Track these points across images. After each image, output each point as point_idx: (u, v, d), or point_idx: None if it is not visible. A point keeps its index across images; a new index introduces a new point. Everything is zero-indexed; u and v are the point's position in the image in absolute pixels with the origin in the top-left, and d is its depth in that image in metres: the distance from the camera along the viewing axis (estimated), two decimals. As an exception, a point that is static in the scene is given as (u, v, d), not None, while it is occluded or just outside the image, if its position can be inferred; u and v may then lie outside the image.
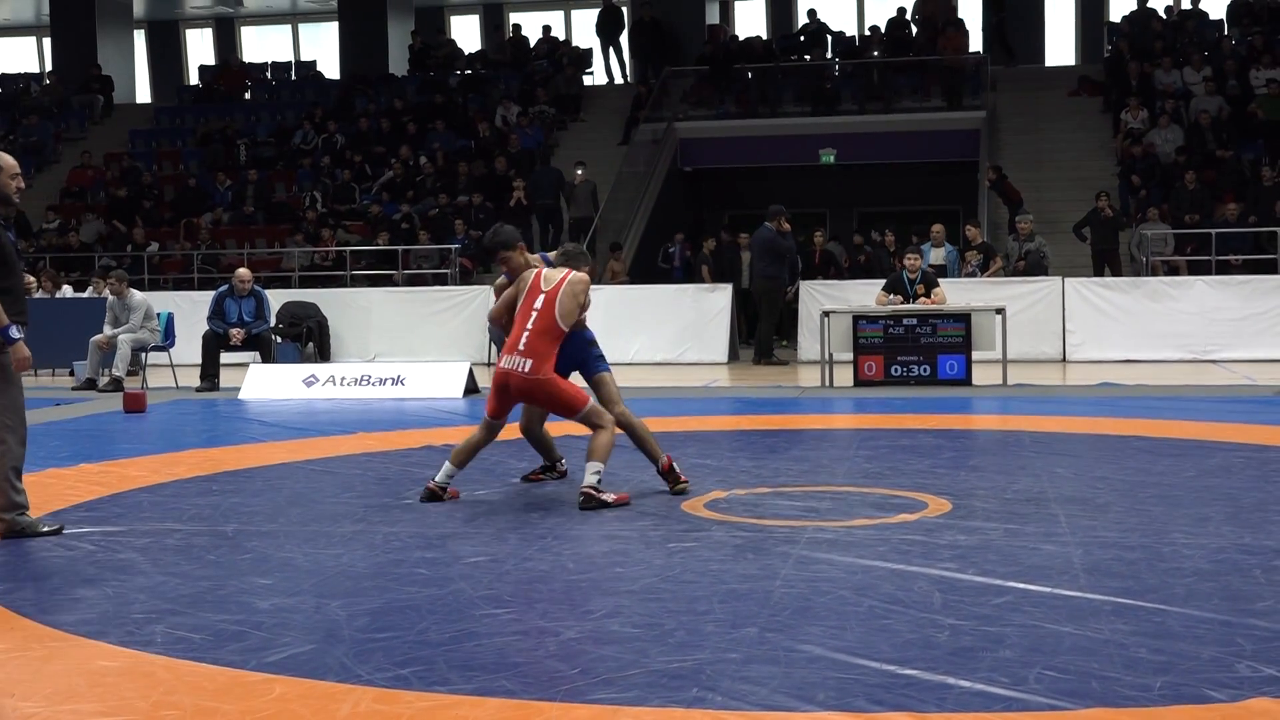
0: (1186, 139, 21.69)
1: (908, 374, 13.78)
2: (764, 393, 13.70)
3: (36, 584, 5.52)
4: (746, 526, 6.48)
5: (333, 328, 18.89)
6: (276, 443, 10.23)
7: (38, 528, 6.61)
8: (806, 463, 8.69)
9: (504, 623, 4.78)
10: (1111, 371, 15.30)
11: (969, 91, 24.65)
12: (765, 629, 4.61)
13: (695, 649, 4.40)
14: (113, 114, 29.27)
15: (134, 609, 5.07)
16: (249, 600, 5.17)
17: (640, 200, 23.32)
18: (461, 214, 22.08)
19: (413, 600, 5.11)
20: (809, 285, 18.09)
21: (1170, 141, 21.66)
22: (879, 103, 24.92)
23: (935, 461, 8.60)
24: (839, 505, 7.02)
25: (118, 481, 8.30)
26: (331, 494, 7.79)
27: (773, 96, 25.43)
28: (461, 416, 11.91)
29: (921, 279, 14.47)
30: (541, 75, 26.72)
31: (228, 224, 23.88)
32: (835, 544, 6.00)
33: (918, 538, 6.11)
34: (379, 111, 26.15)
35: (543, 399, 7.33)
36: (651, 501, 7.25)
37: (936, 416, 11.18)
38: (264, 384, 14.05)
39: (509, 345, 7.30)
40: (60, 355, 16.76)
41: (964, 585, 5.19)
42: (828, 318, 14.22)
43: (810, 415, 11.78)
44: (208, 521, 6.91)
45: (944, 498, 7.16)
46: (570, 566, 5.69)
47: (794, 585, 5.24)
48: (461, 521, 6.78)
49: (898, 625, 4.63)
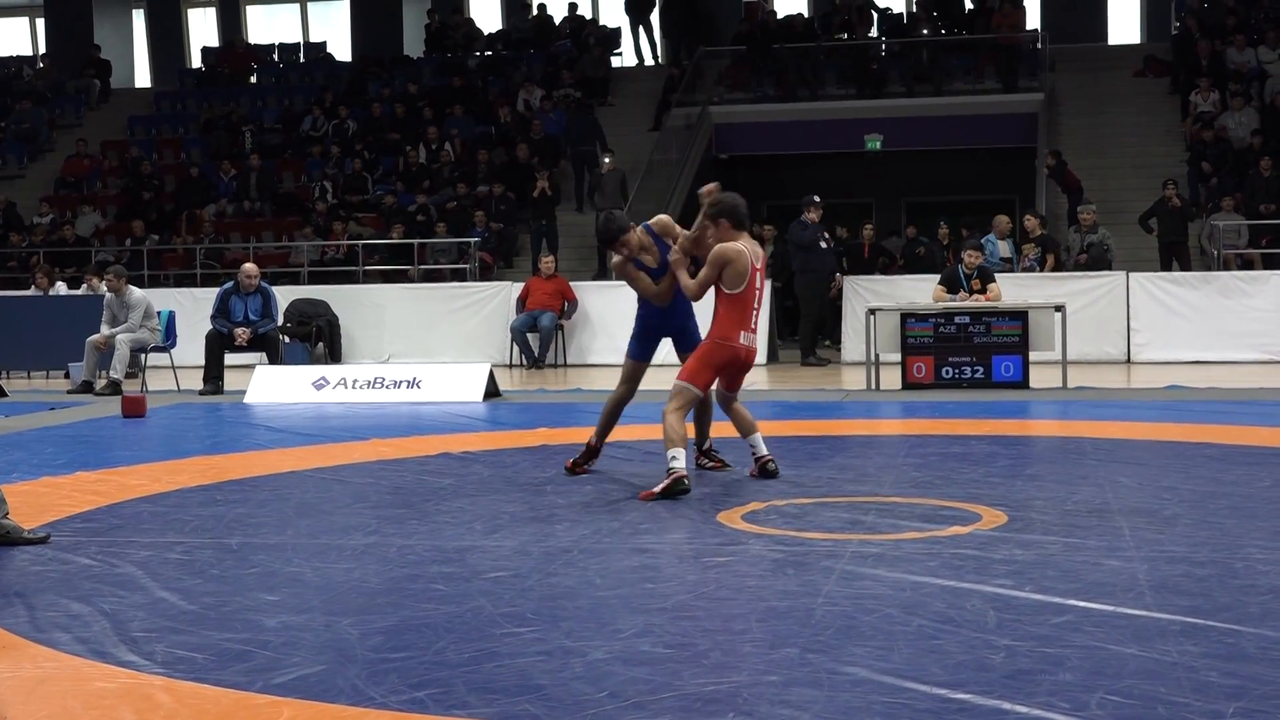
0: (1261, 122, 21.57)
1: (960, 376, 13.74)
2: (805, 396, 13.68)
3: (29, 600, 5.55)
4: (786, 540, 6.47)
5: (344, 327, 18.96)
6: (284, 450, 10.27)
7: (22, 533, 6.72)
8: (851, 471, 8.67)
9: (527, 642, 4.79)
10: (1180, 373, 15.22)
11: (1026, 72, 24.57)
12: (806, 650, 4.61)
13: (731, 671, 4.40)
14: (110, 99, 29.46)
15: (133, 627, 5.10)
16: (255, 618, 5.19)
17: (672, 190, 23.31)
18: (481, 205, 22.14)
19: (429, 618, 5.13)
20: (854, 281, 18.07)
21: (1244, 125, 21.54)
22: (928, 84, 24.85)
23: (989, 470, 8.57)
24: (886, 517, 7.01)
25: (116, 491, 8.34)
26: (343, 504, 7.82)
27: (814, 78, 25.39)
28: (482, 421, 11.94)
29: (977, 273, 14.44)
30: (566, 56, 26.76)
31: (232, 216, 24.01)
32: (882, 559, 5.99)
33: (970, 552, 6.09)
34: (393, 96, 26.24)
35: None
36: (685, 513, 7.25)
37: (991, 422, 11.14)
38: (271, 387, 14.11)
39: (746, 324, 7.96)
40: (55, 356, 16.87)
41: (1020, 603, 5.18)
42: (874, 315, 14.19)
43: (855, 420, 11.75)
44: (211, 534, 6.94)
45: (999, 509, 7.13)
46: (598, 582, 5.69)
47: (837, 603, 5.23)
48: (481, 534, 6.79)
49: (949, 646, 4.62)
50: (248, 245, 22.58)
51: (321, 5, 33.65)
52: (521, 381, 16.17)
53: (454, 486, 8.31)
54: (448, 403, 13.34)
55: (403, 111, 25.54)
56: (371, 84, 27.13)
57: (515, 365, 18.19)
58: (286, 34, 32.53)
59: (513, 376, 16.92)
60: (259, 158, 24.80)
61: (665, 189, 23.22)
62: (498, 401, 13.59)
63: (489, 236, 21.47)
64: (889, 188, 26.84)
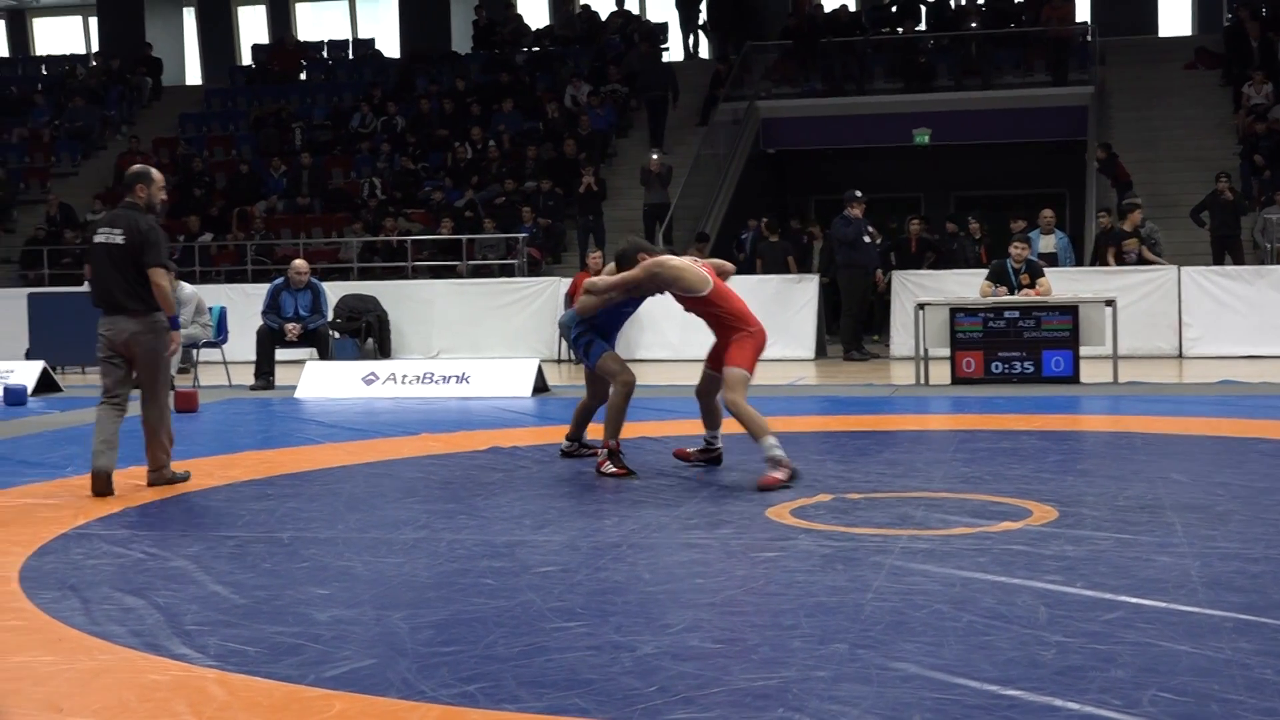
0: (1316, 114, 21.34)
1: (1009, 371, 13.67)
2: (854, 391, 13.64)
3: (84, 593, 5.60)
4: (835, 535, 6.46)
5: (393, 322, 19.05)
6: (335, 444, 10.32)
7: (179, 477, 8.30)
8: (900, 467, 8.64)
9: (576, 637, 4.79)
10: (1232, 368, 15.08)
11: (1075, 65, 24.40)
12: (856, 645, 4.60)
13: (781, 666, 4.39)
14: (161, 97, 29.68)
15: (186, 620, 5.14)
16: (306, 611, 5.22)
17: (720, 185, 23.30)
18: (529, 200, 22.18)
19: (479, 612, 5.14)
20: (902, 275, 18.00)
21: (1297, 117, 21.32)
22: (977, 78, 24.72)
23: (1040, 466, 8.52)
24: (935, 512, 6.98)
25: (169, 485, 8.40)
26: (393, 499, 7.85)
27: (862, 72, 25.31)
28: (530, 416, 11.97)
29: (1026, 268, 14.36)
30: (614, 52, 26.76)
31: (282, 212, 24.14)
32: (931, 554, 5.97)
33: (1021, 548, 6.06)
34: (441, 92, 26.32)
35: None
36: (734, 508, 7.25)
37: (1041, 417, 11.08)
38: (321, 382, 14.19)
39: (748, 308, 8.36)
40: (108, 352, 16.99)
41: (1072, 599, 5.15)
42: (922, 310, 14.14)
43: (904, 415, 11.71)
44: (263, 528, 6.99)
45: (1049, 505, 7.09)
46: (646, 577, 5.70)
47: (887, 598, 5.21)
48: (530, 529, 6.80)
49: (999, 642, 4.60)
50: (298, 241, 22.70)
51: (370, 2, 33.80)
52: (570, 376, 16.19)
53: (503, 481, 8.33)
54: (496, 398, 13.38)
55: (451, 108, 25.61)
56: (420, 80, 27.22)
57: (563, 360, 18.22)
58: (335, 31, 32.73)
59: (561, 371, 16.94)
60: (309, 154, 24.93)
61: (712, 183, 23.20)
62: (546, 396, 13.61)
63: (537, 232, 21.50)
64: (937, 182, 26.73)
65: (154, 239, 8.13)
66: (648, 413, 11.42)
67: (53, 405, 13.60)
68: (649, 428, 10.60)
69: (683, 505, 7.34)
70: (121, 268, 8.14)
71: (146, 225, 8.16)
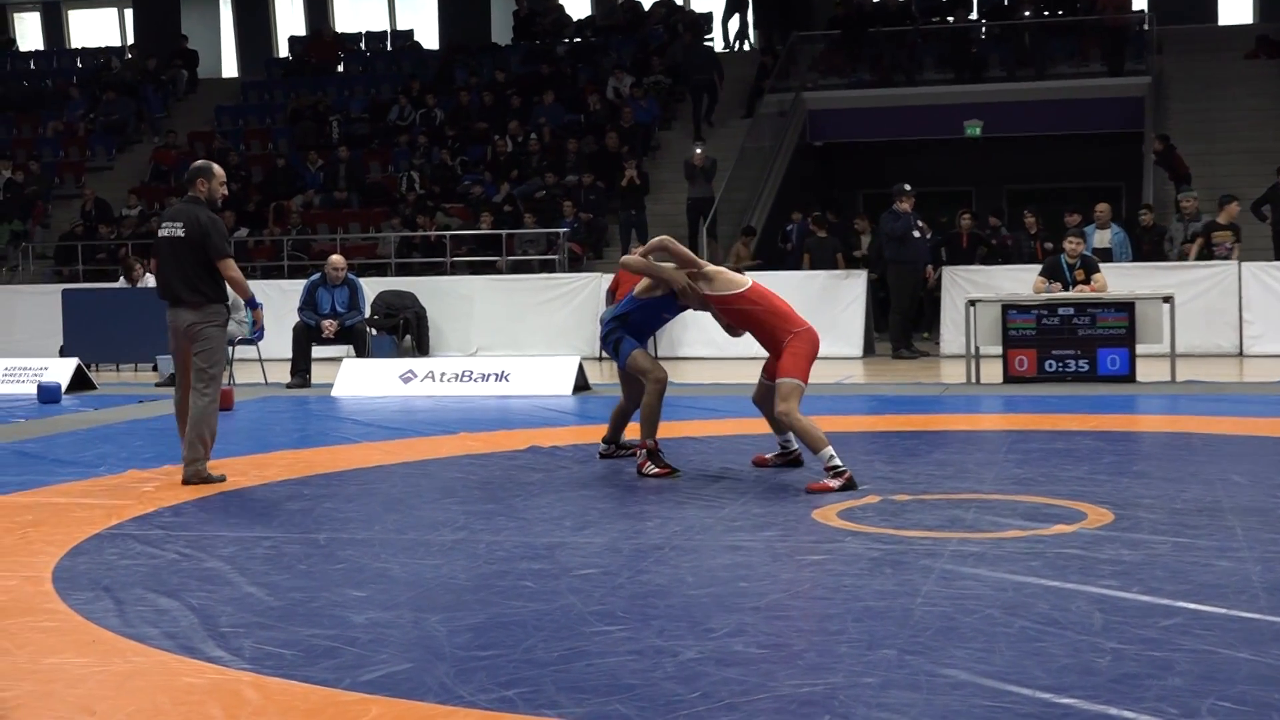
0: (1381, 105, 21.14)
1: (1064, 370, 13.59)
2: (903, 390, 13.60)
3: (117, 594, 5.64)
4: (884, 538, 6.44)
5: (431, 319, 19.10)
6: (372, 443, 10.36)
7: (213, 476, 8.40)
8: (950, 468, 8.61)
9: (617, 641, 4.79)
10: (1295, 367, 14.96)
11: (1132, 54, 24.24)
12: (905, 651, 4.58)
13: (827, 672, 4.38)
14: (197, 89, 29.86)
15: (221, 622, 5.16)
16: (343, 614, 5.24)
17: (766, 178, 23.26)
18: (570, 195, 22.20)
19: (518, 615, 5.15)
20: (952, 271, 17.93)
21: (1362, 108, 21.12)
22: (1030, 68, 24.60)
23: (1095, 467, 8.48)
24: (987, 515, 6.96)
25: (203, 485, 8.45)
26: (431, 499, 7.87)
27: (911, 63, 25.21)
28: (571, 415, 11.98)
29: (1081, 264, 14.28)
30: (657, 42, 26.76)
31: (319, 207, 24.25)
32: (983, 558, 5.94)
33: (1075, 551, 6.03)
34: (481, 84, 26.39)
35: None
36: (779, 510, 7.24)
37: (1096, 417, 11.02)
38: (358, 380, 14.24)
39: (793, 310, 8.40)
40: (143, 349, 17.12)
41: (1127, 605, 5.12)
42: (974, 307, 14.08)
43: (954, 415, 11.67)
44: (299, 528, 7.02)
45: (1105, 507, 7.06)
46: (689, 580, 5.69)
47: (937, 603, 5.19)
48: (570, 530, 6.81)
49: (1053, 648, 4.58)
50: (335, 237, 22.80)
51: (409, -7, 33.91)
52: (611, 375, 16.16)
53: (543, 481, 8.34)
54: (537, 396, 13.40)
55: (490, 100, 25.67)
56: (459, 72, 27.29)
57: (605, 358, 18.21)
58: (373, 22, 32.84)
59: (603, 370, 16.94)
60: (346, 148, 25.03)
61: (758, 177, 23.17)
62: (587, 395, 13.62)
63: (578, 227, 21.52)
64: (989, 175, 26.60)
65: (216, 231, 8.58)
66: (690, 412, 11.41)
67: (87, 403, 13.71)
68: (691, 427, 10.59)
69: (727, 507, 7.33)
70: (182, 260, 8.56)
71: (206, 218, 8.58)
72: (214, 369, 8.60)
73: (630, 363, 8.65)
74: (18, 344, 19.20)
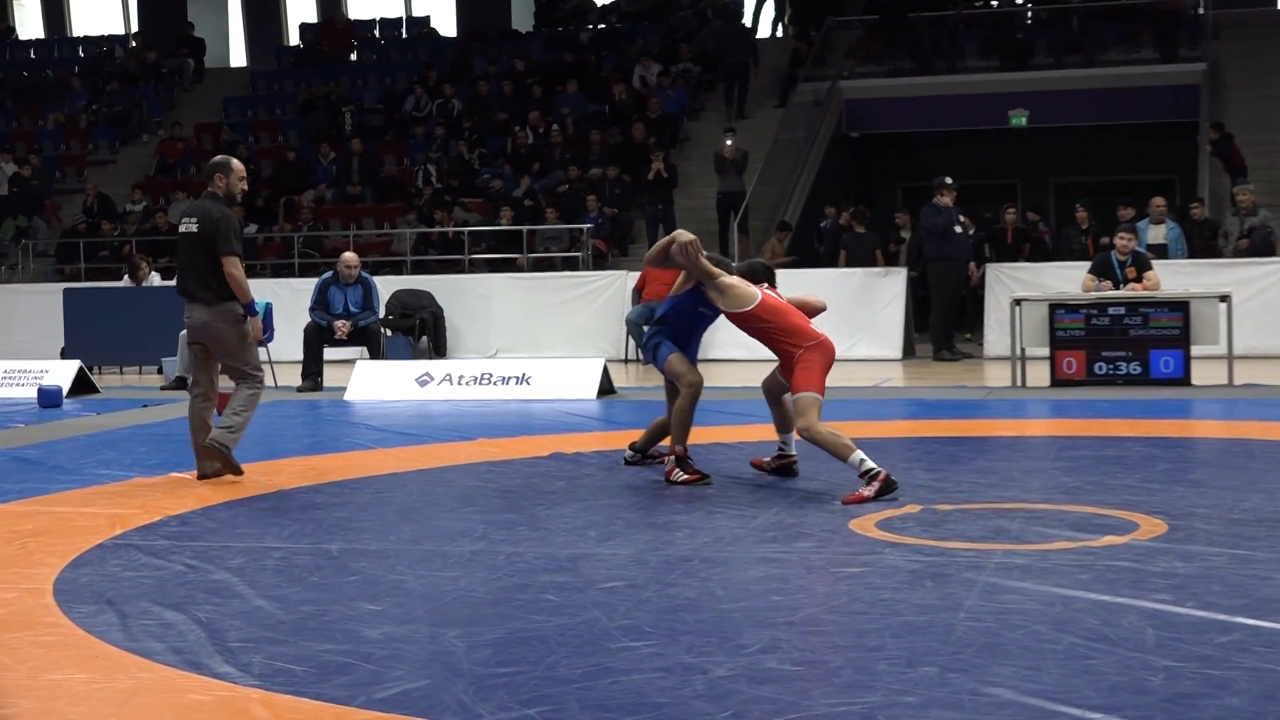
0: None
1: (1114, 372, 13.55)
2: (945, 393, 13.58)
3: (121, 608, 5.66)
4: (924, 549, 6.43)
5: (449, 319, 19.13)
6: (386, 450, 10.39)
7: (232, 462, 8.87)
8: (994, 475, 8.60)
9: (644, 657, 4.80)
10: (1359, 369, 14.89)
11: (1186, 40, 24.15)
12: (947, 669, 4.57)
13: (865, 691, 4.38)
14: (204, 79, 29.98)
15: (229, 636, 5.18)
16: (356, 628, 5.25)
17: (800, 171, 23.24)
18: (594, 189, 22.22)
19: (540, 630, 5.16)
20: (997, 268, 17.90)
21: None
22: (1079, 55, 24.54)
23: (1147, 475, 8.45)
24: (1033, 525, 6.94)
25: (211, 493, 8.49)
26: (448, 508, 7.89)
27: (953, 49, 25.17)
28: (596, 420, 11.98)
29: (1133, 260, 14.23)
30: (685, 29, 26.76)
31: (331, 202, 24.32)
32: (1029, 570, 5.93)
33: (1127, 564, 6.01)
34: (500, 73, 26.43)
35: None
36: (814, 519, 7.23)
37: (1149, 422, 10.99)
38: (372, 383, 14.28)
39: (805, 319, 8.39)
40: (147, 351, 17.20)
41: (1182, 620, 5.10)
42: (1019, 306, 14.05)
43: (999, 420, 11.65)
44: (310, 539, 7.04)
45: (1158, 517, 7.03)
46: (720, 594, 5.69)
47: (980, 618, 5.18)
48: (595, 541, 6.81)
49: (1103, 666, 4.56)
50: (347, 233, 22.87)
51: (425, -22, 34.01)
52: (638, 377, 16.20)
53: (566, 490, 8.35)
54: (559, 400, 13.41)
55: (510, 90, 25.72)
56: (478, 61, 27.34)
57: (631, 360, 18.24)
58: (388, 9, 32.93)
59: (628, 372, 16.96)
60: (359, 140, 25.10)
61: (791, 170, 23.16)
62: (612, 399, 13.63)
63: (603, 222, 21.54)
64: (1035, 168, 26.53)
65: (225, 227, 8.83)
66: (721, 416, 11.41)
67: (89, 407, 13.77)
68: (723, 433, 10.59)
69: (759, 516, 7.33)
70: (195, 257, 8.91)
71: (219, 214, 8.88)
72: (248, 365, 9.05)
73: (666, 367, 8.63)
74: (17, 346, 19.29)
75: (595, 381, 13.76)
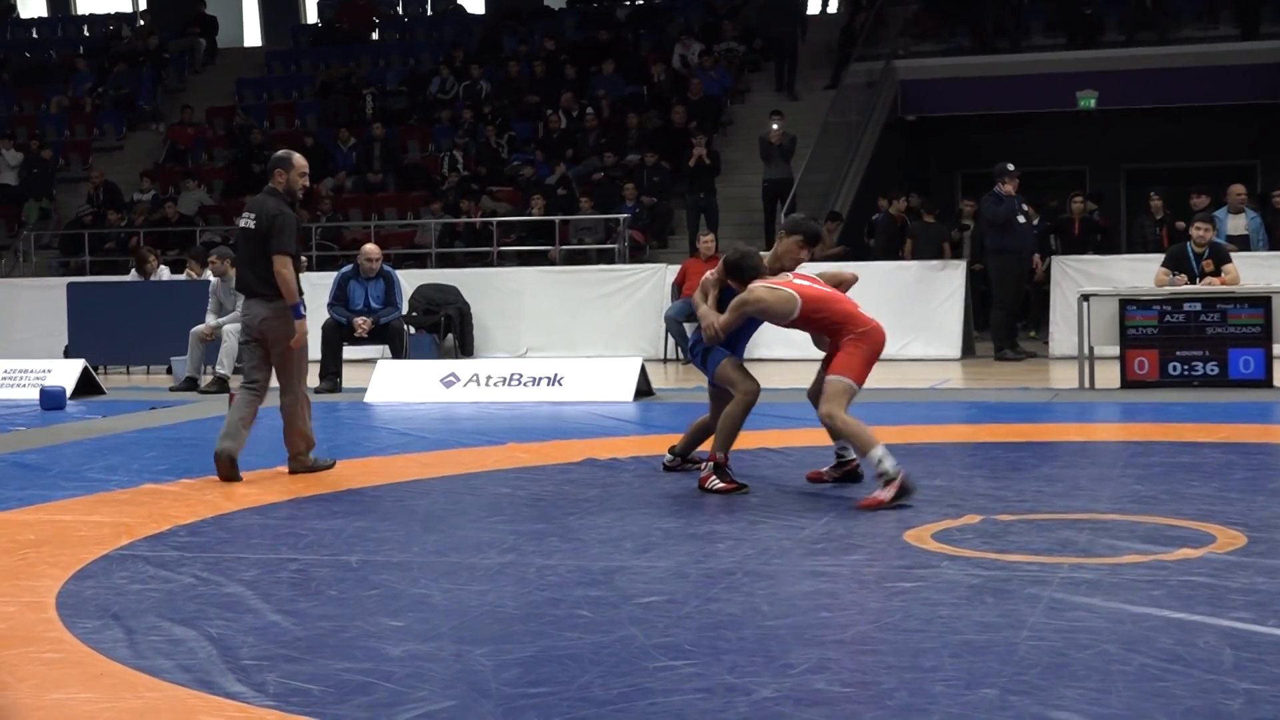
0: None
1: (1190, 373, 13.49)
2: (1006, 396, 13.54)
3: (128, 623, 5.69)
4: (985, 563, 6.41)
5: (476, 316, 19.17)
6: (409, 455, 10.41)
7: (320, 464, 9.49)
8: (1060, 484, 8.57)
9: (684, 678, 4.80)
10: None
11: (1269, 15, 24.00)
12: (1008, 691, 4.56)
13: (921, 714, 4.37)
14: (217, 60, 30.11)
15: (242, 654, 5.20)
16: (377, 646, 5.27)
17: (851, 158, 23.20)
18: (632, 176, 22.24)
19: (573, 648, 5.16)
20: (1063, 261, 17.83)
21: None
22: (1152, 31, 24.41)
23: (1225, 484, 8.41)
24: (1102, 537, 6.92)
25: (223, 500, 8.53)
26: (475, 518, 7.90)
27: (1017, 26, 25.08)
28: (632, 423, 11.99)
29: (1210, 253, 14.16)
30: (728, 6, 26.74)
31: (351, 191, 24.41)
32: (1097, 586, 5.91)
33: (1203, 579, 5.99)
34: (531, 53, 26.46)
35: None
36: (867, 530, 7.22)
37: (1227, 427, 10.95)
38: (394, 384, 14.32)
39: (855, 306, 8.37)
40: (156, 350, 17.26)
41: (1262, 640, 5.08)
42: (1087, 302, 13.99)
43: (1065, 424, 11.61)
44: (328, 550, 7.06)
45: (1236, 529, 7.00)
46: (765, 609, 5.69)
47: (1045, 637, 5.17)
48: (631, 553, 6.82)
49: (1177, 689, 4.55)
50: (368, 224, 22.94)
51: (451, -49, 34.03)
52: (678, 378, 16.21)
53: (600, 498, 8.36)
54: (594, 402, 13.42)
55: (542, 71, 25.75)
56: (507, 40, 27.39)
57: (670, 359, 18.24)
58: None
59: (667, 372, 16.96)
60: (381, 125, 25.16)
61: (842, 156, 23.12)
62: (650, 401, 13.63)
63: (640, 212, 21.55)
64: (1105, 153, 26.42)
65: (280, 224, 9.23)
66: (767, 420, 11.40)
67: (94, 410, 13.84)
68: (769, 437, 10.58)
69: (807, 527, 7.32)
70: (253, 253, 9.36)
71: (275, 210, 9.29)
72: (294, 366, 9.45)
73: (719, 373, 8.56)
74: (19, 344, 19.41)
75: (632, 382, 13.76)
